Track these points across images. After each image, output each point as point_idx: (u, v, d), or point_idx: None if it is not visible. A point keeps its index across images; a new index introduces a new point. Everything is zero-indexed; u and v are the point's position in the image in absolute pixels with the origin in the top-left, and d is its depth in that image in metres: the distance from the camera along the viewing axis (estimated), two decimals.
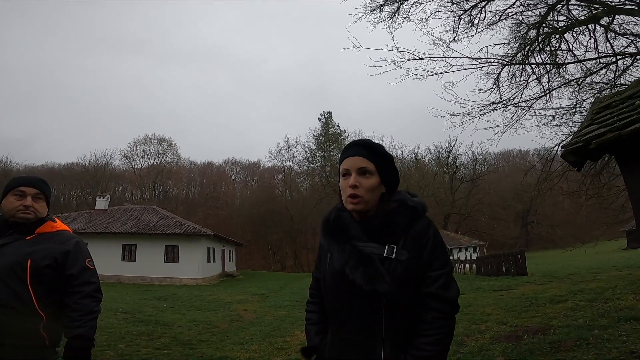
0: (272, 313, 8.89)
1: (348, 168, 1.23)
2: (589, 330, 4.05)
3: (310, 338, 1.34)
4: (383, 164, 1.24)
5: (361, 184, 1.19)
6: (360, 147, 1.24)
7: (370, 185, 1.20)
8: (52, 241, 1.66)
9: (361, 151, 1.23)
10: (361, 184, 1.19)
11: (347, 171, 1.23)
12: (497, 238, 43.86)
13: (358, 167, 1.21)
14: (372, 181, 1.21)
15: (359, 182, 1.19)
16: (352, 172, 1.21)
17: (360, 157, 1.22)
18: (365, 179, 1.20)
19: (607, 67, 6.65)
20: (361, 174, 1.21)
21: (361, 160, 1.21)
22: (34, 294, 1.54)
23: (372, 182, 1.21)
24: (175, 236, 20.44)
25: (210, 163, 64.65)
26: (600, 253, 15.85)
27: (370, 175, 1.21)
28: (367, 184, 1.20)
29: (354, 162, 1.22)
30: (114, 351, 5.05)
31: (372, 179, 1.21)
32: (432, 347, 1.10)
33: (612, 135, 2.47)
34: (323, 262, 1.29)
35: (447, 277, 1.17)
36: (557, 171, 7.84)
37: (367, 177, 1.21)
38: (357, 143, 1.27)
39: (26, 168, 50.37)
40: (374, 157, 1.23)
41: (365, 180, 1.20)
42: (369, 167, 1.21)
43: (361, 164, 1.21)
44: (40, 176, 1.83)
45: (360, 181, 1.20)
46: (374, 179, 1.21)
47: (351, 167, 1.22)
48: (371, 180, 1.21)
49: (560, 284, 8.66)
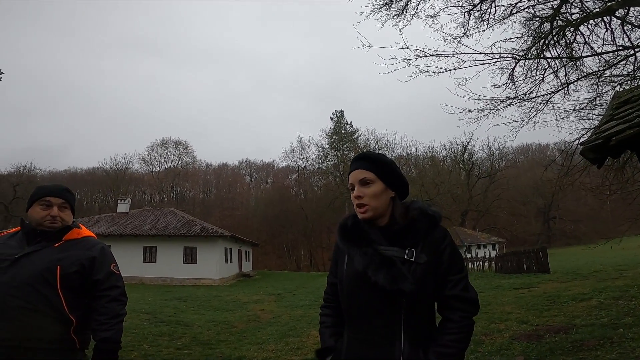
0: (289, 313, 8.96)
1: (352, 182, 1.34)
2: (613, 329, 3.93)
3: (325, 340, 1.38)
4: (382, 170, 1.32)
5: (364, 194, 1.29)
6: (359, 161, 1.35)
7: (373, 193, 1.29)
8: (78, 247, 1.71)
9: (360, 164, 1.34)
10: (364, 194, 1.29)
11: (352, 185, 1.34)
12: (517, 234, 42.74)
13: (359, 179, 1.32)
14: (374, 188, 1.30)
15: (362, 192, 1.30)
16: (356, 185, 1.32)
17: (360, 170, 1.33)
18: (367, 187, 1.30)
19: (626, 60, 6.41)
20: (363, 184, 1.31)
21: (360, 172, 1.32)
22: (64, 299, 1.59)
23: (375, 189, 1.29)
24: (194, 237, 20.82)
25: (225, 164, 65.69)
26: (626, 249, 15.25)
27: (371, 183, 1.30)
28: (370, 192, 1.29)
29: (355, 175, 1.33)
30: (138, 351, 5.19)
31: (374, 186, 1.30)
32: (457, 344, 1.19)
33: (632, 131, 2.40)
34: (340, 266, 1.35)
35: (466, 281, 1.26)
36: (579, 165, 7.61)
37: (368, 186, 1.30)
38: (357, 158, 1.38)
39: (50, 174, 52.31)
40: (372, 166, 1.32)
41: (367, 190, 1.30)
42: (369, 176, 1.31)
43: (360, 175, 1.32)
44: (63, 184, 1.88)
45: (363, 191, 1.30)
46: (376, 185, 1.30)
47: (354, 180, 1.33)
48: (373, 188, 1.30)
49: (584, 282, 8.43)
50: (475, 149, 44.99)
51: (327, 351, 1.35)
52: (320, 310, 1.49)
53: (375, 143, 47.40)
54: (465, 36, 6.94)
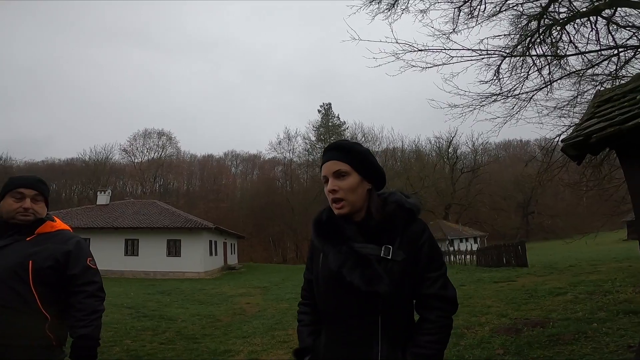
0: (275, 306, 8.98)
1: (325, 174, 1.23)
2: (588, 324, 4.07)
3: (303, 339, 1.33)
4: (358, 161, 1.22)
5: (340, 187, 1.19)
6: (332, 151, 1.25)
7: (349, 186, 1.19)
8: (52, 241, 1.65)
9: (334, 154, 1.23)
10: (340, 187, 1.19)
11: (326, 177, 1.23)
12: (498, 228, 43.95)
13: (333, 171, 1.21)
14: (349, 181, 1.19)
15: (337, 185, 1.19)
16: (330, 177, 1.21)
17: (333, 161, 1.22)
18: (343, 180, 1.20)
19: (609, 59, 6.58)
20: (337, 177, 1.20)
21: (334, 164, 1.21)
22: (38, 294, 1.54)
23: (351, 182, 1.19)
24: (177, 230, 20.53)
25: (211, 156, 64.76)
26: (600, 244, 15.88)
27: (347, 175, 1.20)
28: (346, 185, 1.19)
29: (328, 167, 1.22)
30: (120, 347, 5.12)
31: (350, 179, 1.20)
32: (434, 344, 1.13)
33: (613, 129, 2.43)
34: (315, 263, 1.29)
35: (444, 278, 1.19)
36: (558, 162, 7.83)
37: (344, 179, 1.20)
38: (329, 147, 1.27)
39: (26, 165, 50.32)
40: (346, 157, 1.21)
41: (342, 182, 1.19)
42: (343, 168, 1.20)
43: (334, 167, 1.21)
44: (38, 175, 1.81)
45: (338, 184, 1.19)
46: (352, 178, 1.20)
47: (327, 172, 1.22)
48: (349, 181, 1.19)
49: (560, 276, 8.72)
50: (459, 143, 45.82)
51: (305, 351, 1.30)
52: (298, 307, 1.43)
53: (362, 136, 47.69)
54: (454, 32, 6.99)
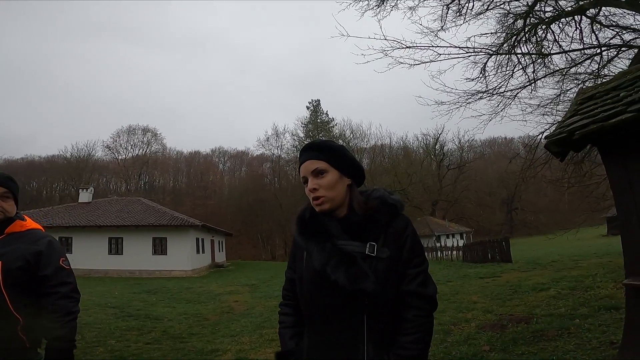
0: (263, 304, 8.95)
1: (304, 175, 1.25)
2: (571, 320, 4.15)
3: (285, 342, 1.30)
4: (334, 157, 1.24)
5: (320, 185, 1.21)
6: (309, 150, 1.27)
7: (328, 183, 1.21)
8: (22, 241, 1.59)
9: (310, 154, 1.25)
10: (320, 185, 1.21)
11: (305, 178, 1.25)
12: (483, 224, 44.82)
13: (311, 171, 1.23)
14: (328, 178, 1.21)
15: (317, 184, 1.21)
16: (309, 177, 1.23)
17: (310, 160, 1.24)
18: (322, 178, 1.21)
19: (592, 58, 6.74)
20: (316, 175, 1.22)
21: (311, 163, 1.23)
22: (8, 296, 1.49)
23: (330, 179, 1.21)
24: (163, 227, 20.18)
25: (197, 152, 63.91)
26: (581, 239, 16.27)
27: (325, 173, 1.22)
28: (325, 182, 1.21)
29: (306, 167, 1.24)
30: (104, 347, 5.02)
31: (329, 176, 1.21)
32: (415, 345, 1.11)
33: (596, 126, 2.47)
34: (299, 262, 1.27)
35: (425, 275, 1.18)
36: (541, 159, 7.99)
37: (323, 177, 1.21)
38: (305, 148, 1.29)
39: (5, 162, 48.66)
40: (323, 155, 1.23)
41: (321, 180, 1.21)
42: (321, 165, 1.22)
43: (312, 166, 1.23)
44: (7, 173, 1.74)
45: (318, 182, 1.21)
46: (330, 175, 1.22)
47: (306, 173, 1.24)
48: (327, 178, 1.21)
49: (543, 271, 8.91)
50: (446, 140, 46.61)
51: (288, 354, 1.27)
52: (279, 308, 1.39)
53: (350, 133, 47.83)
54: (443, 30, 7.02)
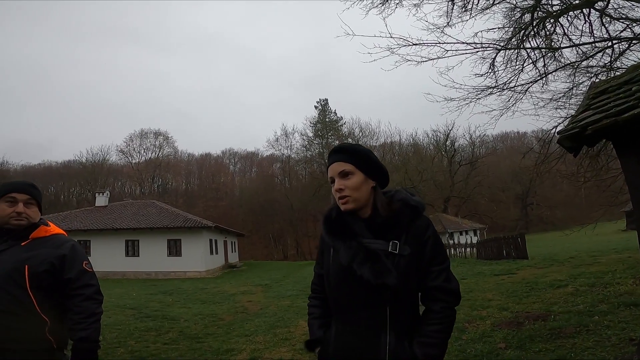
0: (276, 303, 9.00)
1: (332, 176, 1.34)
2: (589, 317, 4.07)
3: (313, 331, 1.42)
4: (361, 161, 1.33)
5: (346, 186, 1.30)
6: (337, 153, 1.36)
7: (354, 184, 1.29)
8: (47, 246, 1.66)
9: (338, 156, 1.34)
10: (346, 186, 1.30)
11: (332, 179, 1.34)
12: (497, 220, 44.13)
13: (338, 172, 1.32)
14: (354, 180, 1.30)
15: (343, 184, 1.30)
16: (336, 178, 1.32)
17: (338, 162, 1.33)
18: (348, 179, 1.30)
19: (603, 51, 6.58)
20: (342, 176, 1.31)
21: (339, 165, 1.32)
22: (35, 299, 1.56)
23: (355, 181, 1.30)
24: (177, 229, 20.51)
25: (208, 154, 64.65)
26: (599, 235, 15.84)
27: (351, 175, 1.30)
28: (351, 183, 1.30)
29: (333, 168, 1.34)
30: (124, 348, 5.13)
31: (354, 178, 1.30)
32: (438, 334, 1.22)
33: (609, 121, 2.45)
34: (326, 258, 1.37)
35: (448, 271, 1.29)
36: (555, 153, 7.86)
37: (349, 178, 1.30)
38: (334, 150, 1.38)
39: (23, 168, 50.16)
40: (350, 158, 1.32)
41: (347, 181, 1.30)
42: (347, 168, 1.31)
43: (339, 168, 1.32)
44: (29, 179, 1.82)
45: (344, 183, 1.30)
46: (356, 177, 1.30)
47: (333, 174, 1.33)
48: (353, 179, 1.30)
49: (560, 268, 8.72)
50: (457, 136, 45.81)
51: (316, 342, 1.39)
52: (308, 301, 1.52)
53: (359, 131, 47.55)
54: (448, 26, 6.95)
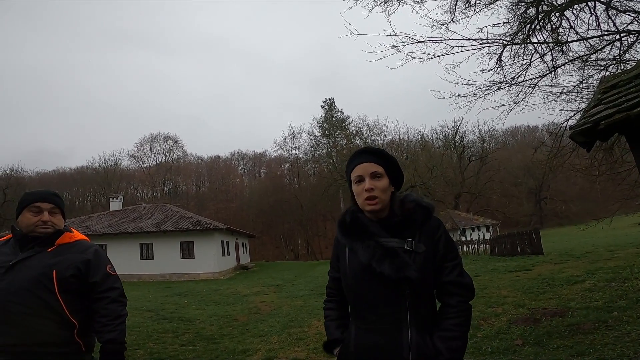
0: (289, 303, 9.05)
1: (361, 174, 1.37)
2: (608, 312, 4.01)
3: (331, 332, 1.46)
4: (392, 167, 1.40)
5: (376, 187, 1.34)
6: (369, 154, 1.40)
7: (383, 187, 1.35)
8: (72, 251, 1.73)
9: (371, 157, 1.38)
10: (376, 187, 1.34)
11: (361, 177, 1.37)
12: (510, 216, 43.44)
13: (371, 172, 1.35)
14: (383, 182, 1.36)
15: (374, 185, 1.34)
16: (366, 177, 1.35)
17: (371, 163, 1.37)
18: (378, 181, 1.35)
19: (612, 44, 6.44)
20: (374, 177, 1.35)
21: (371, 166, 1.36)
22: (64, 302, 1.61)
23: (384, 183, 1.36)
24: (189, 232, 20.78)
25: (217, 157, 65.24)
26: (616, 229, 15.46)
27: (382, 177, 1.36)
28: (381, 185, 1.35)
29: (365, 168, 1.37)
30: (144, 350, 5.23)
31: (384, 181, 1.36)
32: (458, 327, 1.27)
33: (621, 115, 2.46)
34: (342, 261, 1.41)
35: (460, 267, 1.35)
36: (568, 147, 7.72)
37: (379, 180, 1.35)
38: (365, 151, 1.42)
39: (38, 175, 51.23)
40: (382, 161, 1.38)
41: (378, 183, 1.35)
42: (379, 170, 1.36)
43: (372, 168, 1.36)
44: (51, 187, 1.88)
45: (375, 184, 1.34)
46: (385, 180, 1.36)
47: (364, 172, 1.36)
48: (383, 182, 1.36)
49: (577, 264, 8.55)
50: (465, 132, 45.37)
51: (335, 343, 1.43)
52: (324, 304, 1.56)
53: (366, 129, 47.32)
54: (453, 22, 6.87)
